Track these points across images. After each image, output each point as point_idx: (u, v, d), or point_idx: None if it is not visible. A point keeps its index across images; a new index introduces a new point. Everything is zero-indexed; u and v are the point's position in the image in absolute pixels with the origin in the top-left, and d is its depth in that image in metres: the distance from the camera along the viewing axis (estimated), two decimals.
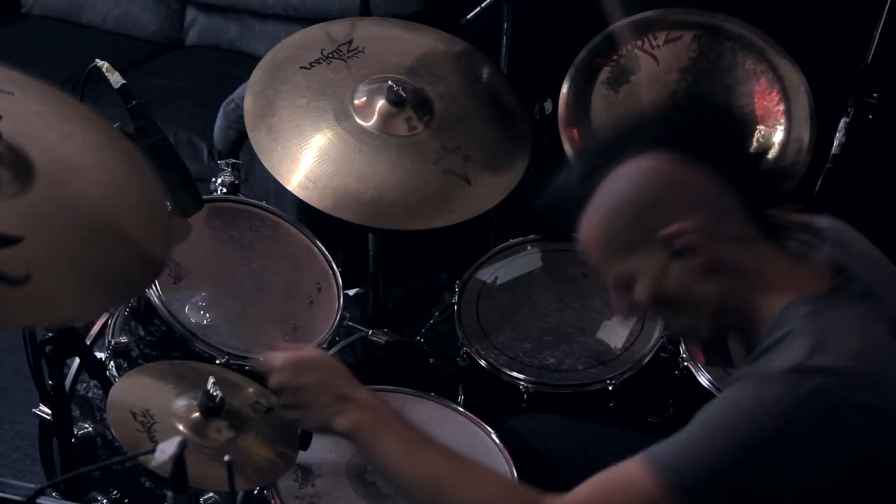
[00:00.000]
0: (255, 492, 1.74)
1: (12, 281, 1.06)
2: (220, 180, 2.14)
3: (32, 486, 1.22)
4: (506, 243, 2.32)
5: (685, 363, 2.05)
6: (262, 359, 1.51)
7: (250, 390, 1.73)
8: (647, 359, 2.07)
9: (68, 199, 1.24)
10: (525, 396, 2.02)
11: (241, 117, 2.17)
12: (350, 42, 2.20)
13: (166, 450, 1.14)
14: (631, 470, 1.26)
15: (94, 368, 1.82)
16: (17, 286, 1.06)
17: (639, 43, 2.24)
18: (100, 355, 1.91)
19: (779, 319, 1.27)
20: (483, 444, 1.86)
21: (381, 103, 2.09)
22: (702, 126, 1.34)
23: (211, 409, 1.59)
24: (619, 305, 1.41)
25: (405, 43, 2.27)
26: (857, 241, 1.43)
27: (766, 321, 1.29)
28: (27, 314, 1.07)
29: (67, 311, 1.13)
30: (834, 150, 2.29)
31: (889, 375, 1.24)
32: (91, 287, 1.16)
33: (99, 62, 1.72)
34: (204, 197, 1.89)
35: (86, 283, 1.15)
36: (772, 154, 2.11)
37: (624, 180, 1.33)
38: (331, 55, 2.17)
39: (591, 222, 1.37)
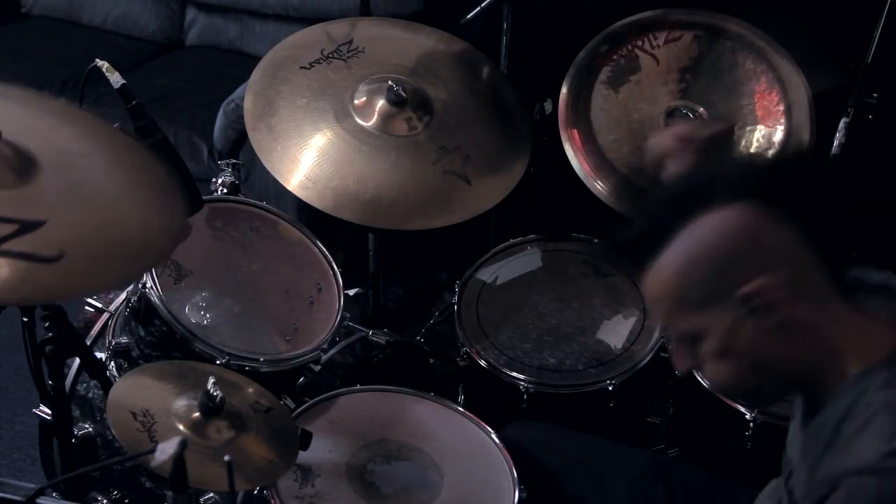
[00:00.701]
0: (255, 492, 1.74)
1: (47, 260, 1.14)
2: (220, 180, 2.14)
3: (32, 486, 1.22)
4: (506, 243, 2.32)
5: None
6: None
7: (250, 390, 1.73)
8: (647, 359, 2.07)
9: (75, 181, 1.29)
10: (525, 396, 2.02)
11: (241, 117, 2.17)
12: (350, 42, 2.20)
13: (166, 450, 1.14)
14: None
15: (94, 368, 1.82)
16: (53, 263, 1.14)
17: (639, 43, 2.24)
18: (100, 355, 1.91)
19: (852, 388, 1.23)
20: (483, 444, 1.86)
21: (381, 103, 2.09)
22: (792, 181, 1.29)
23: (211, 409, 1.59)
24: (680, 359, 1.34)
25: (405, 43, 2.27)
26: None
27: (835, 384, 1.25)
28: (71, 287, 1.16)
29: (107, 279, 1.20)
30: (834, 150, 2.29)
31: None
32: (122, 254, 1.23)
33: (99, 62, 1.72)
34: (204, 197, 1.89)
35: (116, 252, 1.22)
36: (771, 154, 2.11)
37: (706, 232, 1.26)
38: (331, 55, 2.17)
39: (665, 273, 1.29)
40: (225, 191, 2.12)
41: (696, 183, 1.33)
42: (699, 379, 2.02)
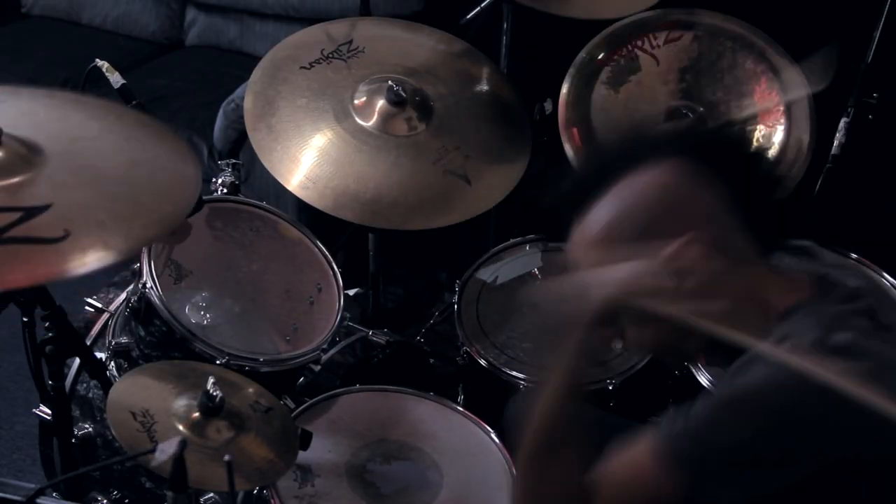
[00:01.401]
0: (255, 492, 1.74)
1: (52, 241, 1.21)
2: (220, 180, 2.14)
3: (32, 486, 1.22)
4: (506, 243, 2.32)
5: (685, 363, 2.05)
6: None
7: (250, 390, 1.73)
8: (647, 359, 2.07)
9: (83, 163, 1.36)
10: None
11: (241, 117, 2.17)
12: (350, 42, 2.20)
13: (166, 450, 1.14)
14: (638, 447, 1.25)
15: (94, 368, 1.82)
16: (60, 244, 1.21)
17: (639, 43, 2.24)
18: (100, 355, 1.91)
19: (780, 318, 1.27)
20: (483, 443, 1.86)
21: (381, 103, 2.09)
22: (718, 144, 1.33)
23: (211, 409, 1.59)
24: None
25: (405, 43, 2.27)
26: (838, 257, 1.43)
27: (763, 328, 1.28)
28: (77, 262, 1.21)
29: (114, 251, 1.24)
30: (834, 150, 2.29)
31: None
32: (130, 227, 1.29)
33: (99, 62, 1.72)
34: (204, 197, 1.90)
35: (125, 225, 1.29)
36: (772, 155, 2.11)
37: (632, 190, 1.31)
38: (331, 55, 2.17)
39: (592, 228, 1.33)
40: (225, 191, 2.12)
41: (626, 144, 1.37)
42: (699, 379, 2.02)
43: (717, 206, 1.29)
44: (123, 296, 2.04)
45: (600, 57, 2.25)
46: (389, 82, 2.09)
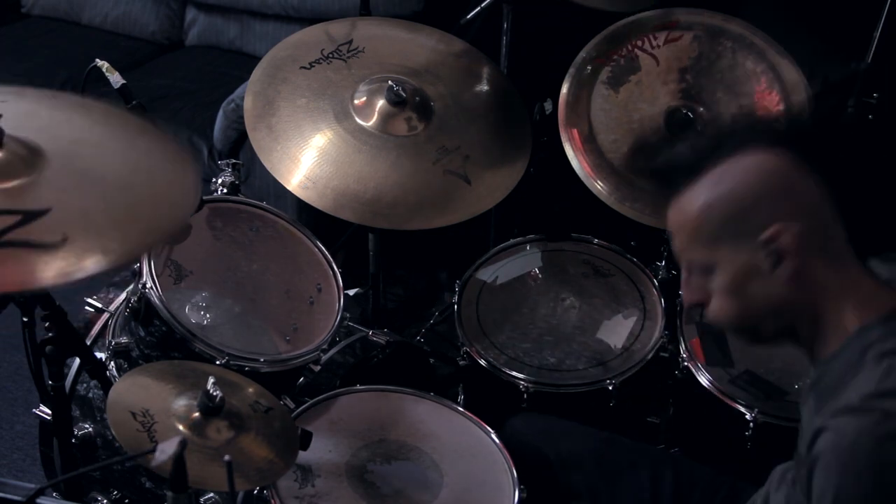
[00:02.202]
0: (255, 492, 1.74)
1: (50, 246, 1.21)
2: (220, 180, 2.14)
3: (32, 486, 1.22)
4: (506, 243, 2.32)
5: (685, 363, 2.05)
6: None
7: (250, 390, 1.73)
8: (647, 359, 2.08)
9: (84, 168, 1.36)
10: (525, 396, 2.02)
11: (241, 117, 2.17)
12: (350, 42, 2.20)
13: (166, 450, 1.14)
14: None
15: (94, 368, 1.82)
16: (58, 249, 1.21)
17: (639, 43, 2.24)
18: (100, 355, 1.91)
19: (852, 340, 1.28)
20: (483, 443, 1.86)
21: (381, 103, 2.09)
22: (826, 137, 1.33)
23: (211, 409, 1.59)
24: (689, 291, 1.39)
25: (405, 43, 2.27)
26: None
27: (835, 340, 1.29)
28: (73, 268, 1.21)
29: (112, 257, 1.25)
30: None
31: None
32: (128, 233, 1.30)
33: (99, 62, 1.72)
34: (204, 197, 1.90)
35: (123, 232, 1.29)
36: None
37: (737, 171, 1.31)
38: (331, 55, 2.17)
39: (693, 204, 1.34)
40: (225, 191, 2.12)
41: (736, 125, 1.38)
42: (699, 379, 2.02)
43: (818, 199, 1.30)
44: (123, 296, 2.04)
45: (600, 57, 2.25)
46: (389, 82, 2.09)
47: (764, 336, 1.38)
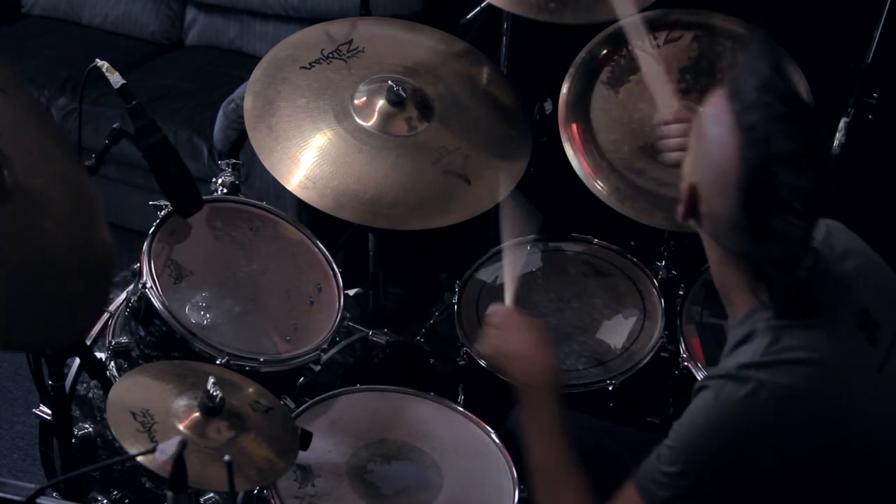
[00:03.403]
0: (255, 492, 1.74)
1: None
2: (220, 180, 2.14)
3: (32, 486, 1.22)
4: (506, 243, 2.32)
5: (685, 363, 2.05)
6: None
7: (250, 390, 1.73)
8: (647, 359, 2.07)
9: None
10: None
11: (241, 117, 2.17)
12: (350, 42, 2.20)
13: (166, 450, 1.14)
14: (625, 493, 1.44)
15: (94, 368, 1.82)
16: None
17: (639, 43, 2.24)
18: (100, 355, 1.91)
19: (757, 310, 1.38)
20: (483, 443, 1.86)
21: (381, 103, 2.09)
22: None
23: (211, 409, 1.59)
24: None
25: (405, 43, 2.27)
26: (844, 233, 1.50)
27: (749, 300, 1.40)
28: None
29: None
30: (834, 150, 2.29)
31: (845, 367, 1.34)
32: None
33: (99, 62, 1.72)
34: (204, 197, 1.89)
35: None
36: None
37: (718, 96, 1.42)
38: (331, 55, 2.17)
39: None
40: (225, 191, 2.12)
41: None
42: (699, 379, 2.02)
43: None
44: (123, 296, 2.04)
45: (600, 57, 2.25)
46: (389, 82, 2.09)
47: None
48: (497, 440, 1.84)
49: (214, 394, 1.58)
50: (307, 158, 2.03)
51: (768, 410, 1.31)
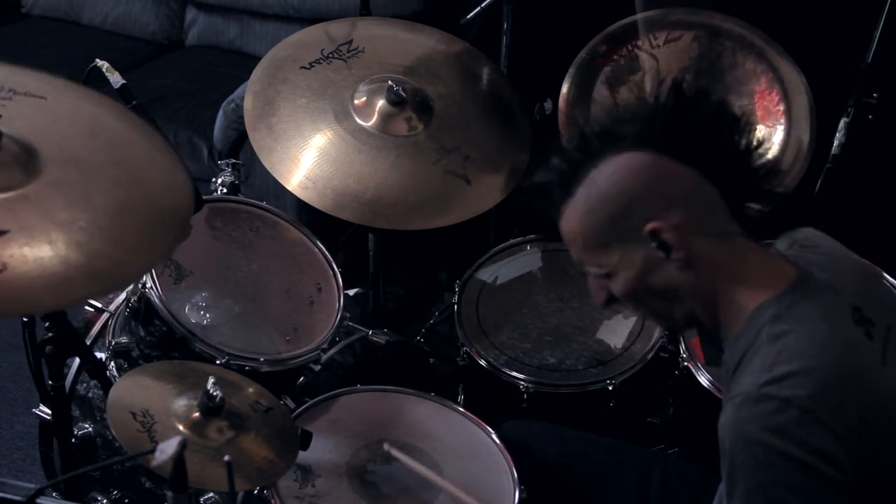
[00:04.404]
0: (255, 492, 1.74)
1: None
2: (220, 180, 2.14)
3: (32, 486, 1.22)
4: (506, 243, 2.32)
5: (685, 363, 2.05)
6: None
7: (250, 390, 1.73)
8: (647, 359, 2.07)
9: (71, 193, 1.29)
10: (525, 396, 2.02)
11: (241, 117, 2.17)
12: (350, 42, 2.20)
13: (166, 450, 1.14)
14: None
15: (94, 368, 1.82)
16: None
17: (639, 43, 2.24)
18: (100, 355, 1.91)
19: (750, 321, 1.33)
20: (483, 444, 1.86)
21: (381, 103, 2.09)
22: (687, 125, 1.35)
23: (211, 409, 1.59)
24: (597, 295, 1.43)
25: (405, 43, 2.27)
26: (820, 238, 1.48)
27: (739, 317, 1.34)
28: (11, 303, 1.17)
29: (47, 300, 1.20)
30: (834, 150, 2.28)
31: (852, 367, 1.29)
32: (73, 279, 1.23)
33: (99, 62, 1.72)
34: (204, 197, 1.89)
35: (70, 275, 1.22)
36: (770, 153, 2.11)
37: (606, 177, 1.35)
38: (331, 55, 2.17)
39: (573, 216, 1.39)
40: (225, 191, 2.12)
41: (600, 129, 1.39)
42: (699, 379, 2.02)
43: (692, 186, 1.33)
44: (123, 296, 2.04)
45: (600, 57, 2.25)
46: (389, 82, 2.09)
47: (679, 324, 1.44)
48: (497, 440, 1.84)
49: (214, 394, 1.58)
50: (307, 158, 2.03)
51: (798, 415, 1.24)
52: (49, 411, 1.82)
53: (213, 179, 2.16)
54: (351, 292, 2.27)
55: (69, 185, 1.30)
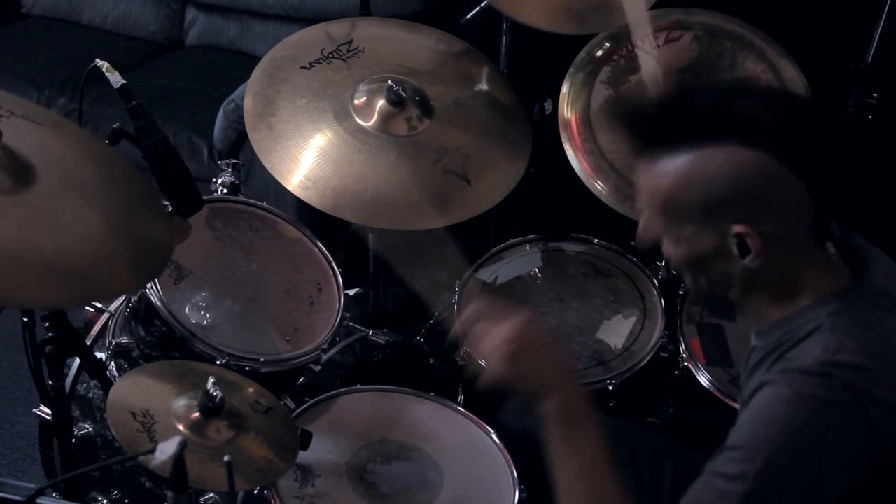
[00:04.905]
0: (255, 492, 1.74)
1: None
2: (220, 180, 2.14)
3: (32, 486, 1.22)
4: (506, 243, 2.32)
5: (685, 363, 2.05)
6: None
7: (250, 390, 1.73)
8: (647, 359, 2.07)
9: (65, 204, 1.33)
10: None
11: (241, 117, 2.17)
12: (350, 42, 2.20)
13: (166, 450, 1.14)
14: (699, 493, 1.30)
15: (94, 368, 1.82)
16: None
17: (639, 43, 2.24)
18: (100, 355, 1.91)
19: (806, 312, 1.32)
20: (483, 443, 1.86)
21: (381, 103, 2.09)
22: (811, 140, 1.31)
23: (211, 409, 1.59)
24: (642, 235, 1.41)
25: (405, 43, 2.27)
26: (873, 250, 1.47)
27: (793, 308, 1.34)
28: None
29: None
30: None
31: None
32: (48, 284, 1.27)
33: (99, 62, 1.72)
34: (204, 197, 1.89)
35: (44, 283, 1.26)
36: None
37: (722, 162, 1.29)
38: (331, 55, 2.17)
39: (667, 176, 1.33)
40: (225, 191, 2.12)
41: (732, 111, 1.32)
42: (699, 379, 2.02)
43: (794, 204, 1.30)
44: (123, 296, 2.04)
45: (600, 57, 2.25)
46: (389, 82, 2.08)
47: (710, 296, 1.46)
48: (497, 440, 1.84)
49: (214, 394, 1.58)
50: (307, 158, 2.03)
51: (854, 414, 1.23)
52: (49, 411, 1.82)
53: (213, 179, 2.16)
54: (351, 292, 2.27)
55: (61, 197, 1.33)
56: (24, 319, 1.69)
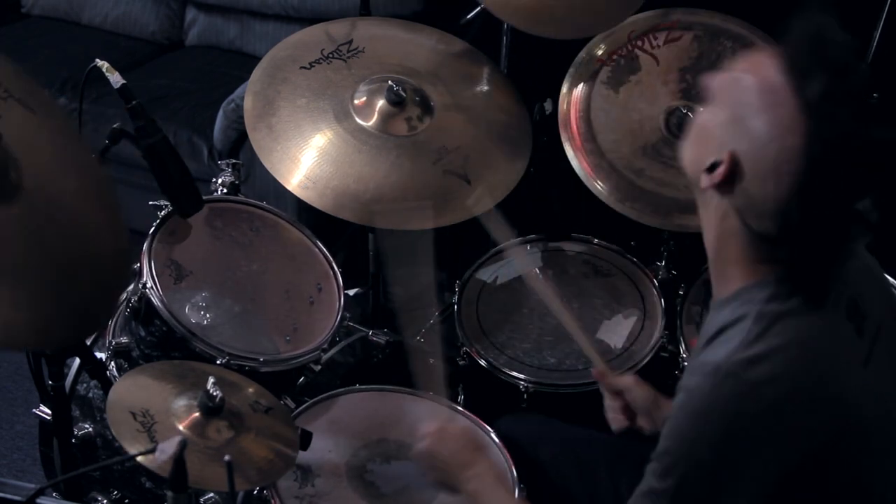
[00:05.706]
0: (255, 492, 1.74)
1: None
2: (220, 180, 2.14)
3: (32, 486, 1.22)
4: (506, 243, 2.32)
5: (685, 363, 2.05)
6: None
7: (250, 390, 1.73)
8: (647, 359, 2.07)
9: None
10: (525, 396, 2.02)
11: (241, 117, 2.17)
12: (350, 42, 2.20)
13: (166, 450, 1.14)
14: None
15: (94, 368, 1.82)
16: None
17: (639, 43, 2.24)
18: (100, 355, 1.91)
19: (742, 293, 1.31)
20: (483, 443, 1.86)
21: (381, 103, 2.09)
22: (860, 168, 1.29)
23: (211, 409, 1.59)
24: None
25: (405, 43, 2.27)
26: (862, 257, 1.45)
27: (731, 285, 1.33)
28: None
29: None
30: None
31: (830, 371, 1.28)
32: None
33: (99, 62, 1.72)
34: (204, 197, 1.90)
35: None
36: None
37: (753, 62, 1.36)
38: (331, 55, 2.17)
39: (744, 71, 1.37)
40: (225, 191, 2.12)
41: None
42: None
43: (800, 158, 1.24)
44: (123, 296, 2.04)
45: (600, 57, 2.26)
46: (389, 82, 2.09)
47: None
48: (497, 440, 1.84)
49: (214, 394, 1.58)
50: (307, 158, 2.03)
51: (764, 405, 1.24)
52: (49, 411, 1.82)
53: (213, 179, 2.16)
54: (351, 292, 2.27)
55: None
56: None
